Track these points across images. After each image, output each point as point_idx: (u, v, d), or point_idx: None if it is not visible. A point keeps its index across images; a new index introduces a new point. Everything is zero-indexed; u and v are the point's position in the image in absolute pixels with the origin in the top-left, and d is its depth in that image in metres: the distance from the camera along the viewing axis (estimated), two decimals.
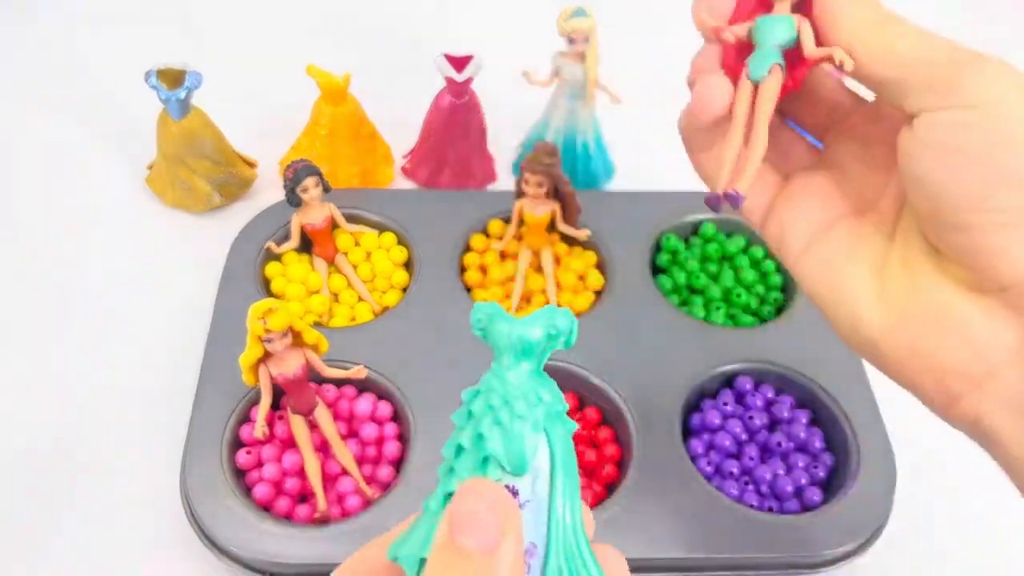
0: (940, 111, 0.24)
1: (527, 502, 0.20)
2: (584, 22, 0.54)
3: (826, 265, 0.28)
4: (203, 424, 0.44)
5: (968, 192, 0.24)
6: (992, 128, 0.23)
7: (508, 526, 0.18)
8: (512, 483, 0.20)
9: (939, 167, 0.24)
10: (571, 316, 0.20)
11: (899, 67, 0.25)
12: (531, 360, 0.20)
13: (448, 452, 0.21)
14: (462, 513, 0.18)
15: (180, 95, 0.54)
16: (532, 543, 0.20)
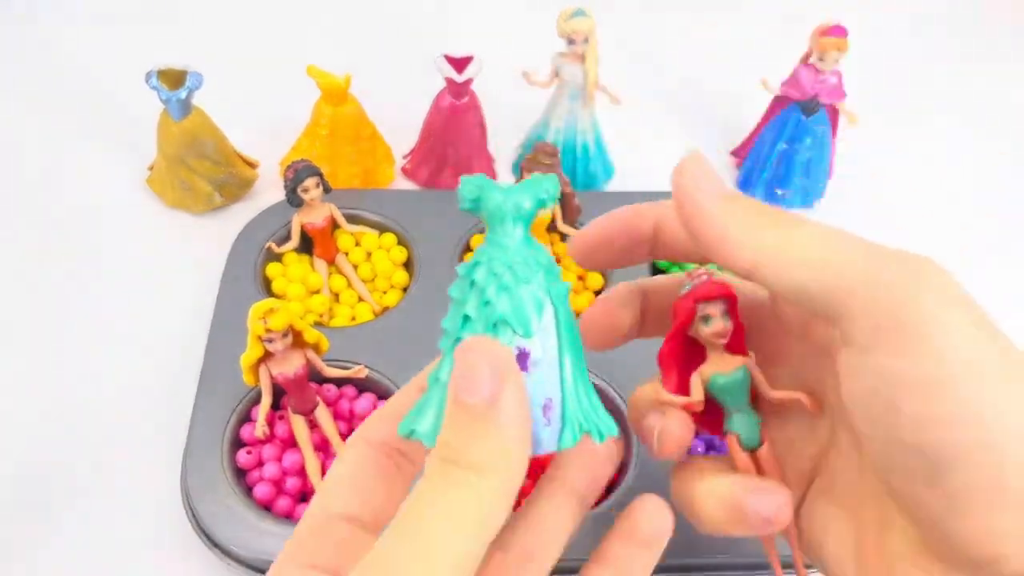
0: (864, 353, 0.19)
1: (539, 361, 0.20)
2: (584, 23, 0.54)
3: (811, 525, 0.25)
4: (203, 424, 0.45)
5: (911, 467, 0.19)
6: (933, 388, 0.18)
7: (506, 376, 0.18)
8: (524, 345, 0.20)
9: (876, 427, 0.19)
10: (555, 180, 0.21)
11: (803, 274, 0.19)
12: (525, 226, 0.21)
13: (451, 324, 0.21)
14: (460, 372, 0.18)
15: (181, 96, 0.54)
16: (548, 398, 0.20)
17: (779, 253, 0.20)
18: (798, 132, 0.60)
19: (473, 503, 0.18)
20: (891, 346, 0.18)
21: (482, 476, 0.18)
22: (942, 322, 0.18)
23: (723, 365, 0.24)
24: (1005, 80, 0.77)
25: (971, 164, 0.69)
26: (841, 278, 0.19)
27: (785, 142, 0.61)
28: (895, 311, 0.18)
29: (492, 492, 0.18)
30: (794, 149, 0.61)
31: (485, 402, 0.18)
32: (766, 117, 0.64)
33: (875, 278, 0.18)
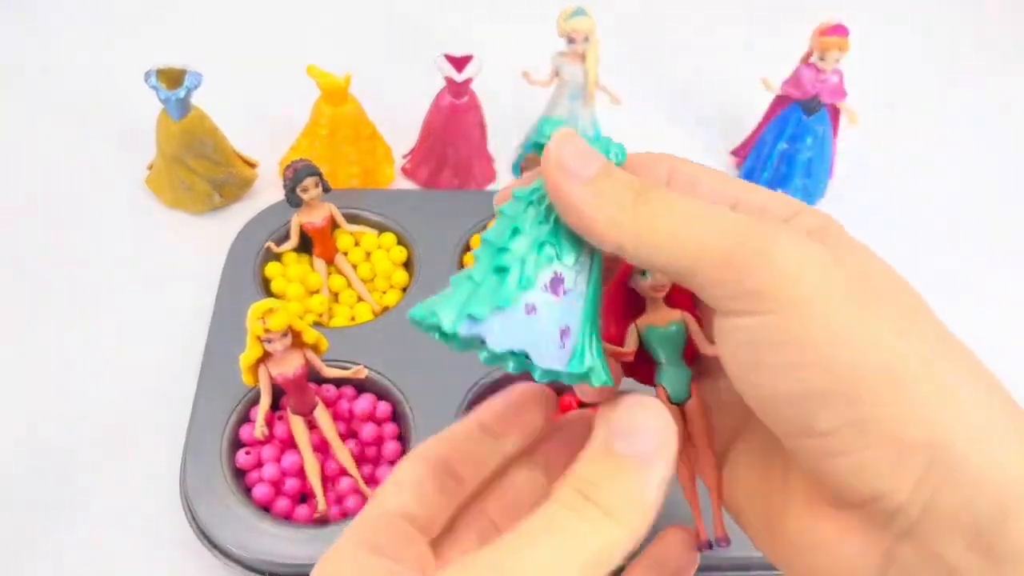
0: (730, 316, 0.20)
1: (570, 291, 0.21)
2: (584, 22, 0.54)
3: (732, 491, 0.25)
4: (203, 424, 0.44)
5: (785, 416, 0.20)
6: (792, 342, 0.19)
7: (667, 444, 0.19)
8: (561, 271, 0.21)
9: (745, 385, 0.20)
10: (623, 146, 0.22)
11: (666, 252, 0.20)
12: None
13: (496, 235, 0.21)
14: (623, 422, 0.20)
15: (180, 95, 0.53)
16: (568, 326, 0.21)
17: (639, 237, 0.20)
18: (799, 132, 0.60)
19: (597, 543, 0.18)
20: (746, 309, 0.19)
21: (613, 522, 0.19)
22: (788, 279, 0.19)
23: (658, 318, 0.25)
24: (1007, 79, 0.77)
25: (973, 163, 0.69)
26: (696, 256, 0.20)
27: (786, 142, 0.61)
28: (744, 278, 0.19)
29: (617, 539, 0.19)
30: (795, 149, 0.61)
31: (640, 459, 0.19)
32: (767, 117, 0.64)
33: (725, 250, 0.19)
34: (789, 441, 0.20)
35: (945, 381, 0.19)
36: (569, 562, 0.18)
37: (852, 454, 0.19)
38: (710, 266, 0.20)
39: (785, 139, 0.61)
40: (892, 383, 0.18)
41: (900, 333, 0.19)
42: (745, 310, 0.19)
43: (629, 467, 0.19)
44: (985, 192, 0.67)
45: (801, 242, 0.19)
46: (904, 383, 0.18)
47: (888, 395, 0.18)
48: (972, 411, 0.18)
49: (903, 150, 0.69)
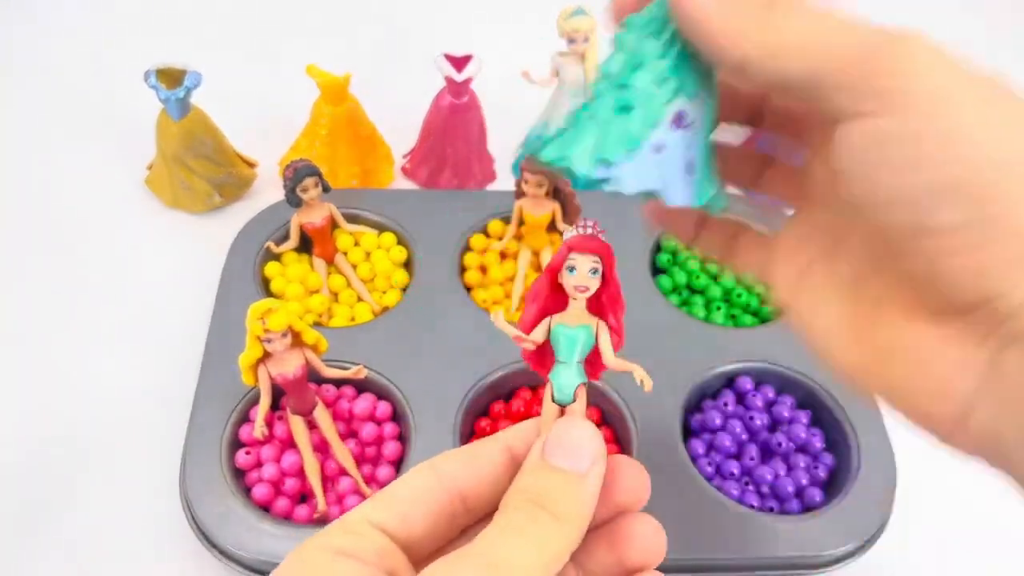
0: (855, 119, 0.20)
1: (690, 124, 0.22)
2: (584, 22, 0.54)
3: (806, 307, 0.26)
4: (203, 424, 0.44)
5: (903, 215, 0.20)
6: (918, 138, 0.19)
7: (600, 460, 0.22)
8: (683, 107, 0.22)
9: (866, 186, 0.20)
10: None
11: (794, 60, 0.20)
12: None
13: (617, 66, 0.22)
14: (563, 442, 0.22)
15: (179, 95, 0.53)
16: (692, 159, 0.22)
17: (766, 46, 0.21)
18: None
19: (554, 542, 0.21)
20: (874, 109, 0.20)
21: (562, 524, 0.21)
22: (921, 77, 0.19)
23: (571, 318, 0.25)
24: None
25: None
26: (827, 61, 0.20)
27: None
28: (876, 78, 0.19)
29: (570, 539, 0.21)
30: None
31: (579, 473, 0.22)
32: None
33: (857, 52, 0.20)
34: (904, 242, 0.20)
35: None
36: (537, 562, 0.20)
37: (972, 252, 0.19)
38: (840, 69, 0.20)
39: None
40: (1021, 182, 0.18)
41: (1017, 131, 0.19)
42: (873, 110, 0.20)
43: (572, 480, 0.22)
44: None
45: (932, 44, 0.20)
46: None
47: (1017, 193, 0.18)
48: None
49: None
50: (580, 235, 0.24)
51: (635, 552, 0.23)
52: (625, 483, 0.24)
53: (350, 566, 0.21)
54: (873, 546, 0.43)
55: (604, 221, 0.59)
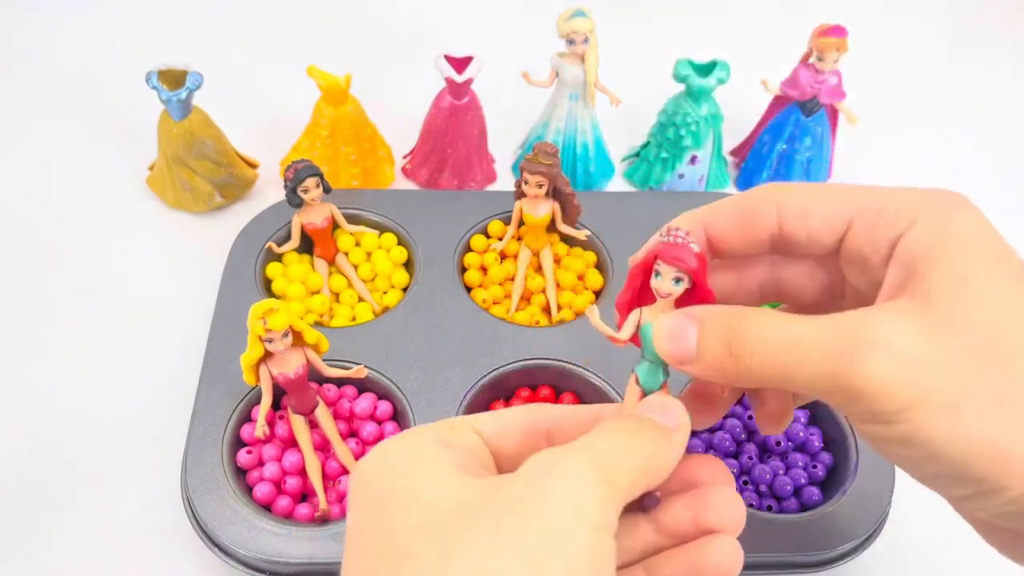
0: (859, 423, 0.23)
1: None
2: (583, 23, 0.54)
3: None
4: (204, 423, 0.45)
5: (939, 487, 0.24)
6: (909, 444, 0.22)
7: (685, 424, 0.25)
8: None
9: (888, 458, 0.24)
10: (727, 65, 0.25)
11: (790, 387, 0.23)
12: None
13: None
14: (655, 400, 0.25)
15: (181, 96, 0.54)
16: None
17: (754, 381, 0.23)
18: (798, 132, 0.60)
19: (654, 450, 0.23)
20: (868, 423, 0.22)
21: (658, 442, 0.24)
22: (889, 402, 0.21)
23: (656, 316, 0.26)
24: (1005, 80, 0.77)
25: (973, 164, 0.69)
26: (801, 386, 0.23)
27: (784, 142, 0.61)
28: (852, 404, 0.22)
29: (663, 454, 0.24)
30: (793, 149, 0.61)
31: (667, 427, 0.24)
32: (765, 117, 0.64)
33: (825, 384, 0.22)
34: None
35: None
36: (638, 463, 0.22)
37: (981, 506, 0.22)
38: (822, 395, 0.22)
39: (784, 140, 0.61)
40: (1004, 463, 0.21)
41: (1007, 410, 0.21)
42: (861, 420, 0.22)
43: (660, 427, 0.24)
44: (986, 193, 0.67)
45: (885, 359, 0.21)
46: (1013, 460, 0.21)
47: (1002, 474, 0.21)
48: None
49: (903, 150, 0.69)
50: (666, 243, 0.25)
51: (712, 512, 0.25)
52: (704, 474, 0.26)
53: (450, 453, 0.23)
54: (871, 545, 0.43)
55: (604, 221, 0.59)
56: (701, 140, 0.59)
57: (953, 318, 0.21)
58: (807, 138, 0.60)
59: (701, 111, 0.59)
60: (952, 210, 0.23)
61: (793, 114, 0.60)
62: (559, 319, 0.52)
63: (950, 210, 0.23)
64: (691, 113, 0.59)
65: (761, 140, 0.62)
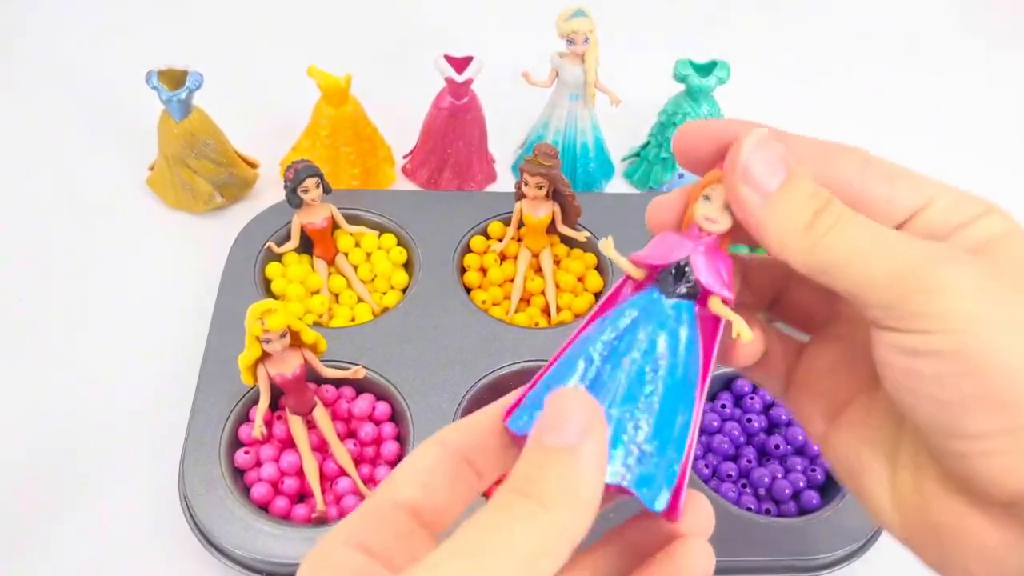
0: (894, 332, 0.21)
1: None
2: (583, 23, 0.54)
3: (846, 453, 0.26)
4: (202, 424, 0.45)
5: (937, 420, 0.21)
6: (952, 356, 0.20)
7: (592, 427, 0.19)
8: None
9: (904, 390, 0.22)
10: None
11: (838, 277, 0.22)
12: None
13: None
14: (547, 415, 0.20)
15: (181, 96, 0.54)
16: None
17: (809, 257, 0.22)
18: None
19: (534, 537, 0.18)
20: (906, 328, 0.21)
21: (547, 510, 0.18)
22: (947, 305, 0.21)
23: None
24: (990, 99, 0.77)
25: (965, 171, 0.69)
26: (864, 282, 0.21)
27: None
28: (906, 302, 0.21)
29: (554, 528, 0.18)
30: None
31: (567, 447, 0.19)
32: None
33: (891, 278, 0.21)
34: (940, 440, 0.22)
35: None
36: (511, 564, 0.18)
37: (1004, 455, 0.20)
38: (875, 290, 0.21)
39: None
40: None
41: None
42: (905, 328, 0.21)
43: (558, 457, 0.19)
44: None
45: (961, 271, 0.21)
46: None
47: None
48: None
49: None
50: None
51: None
52: (686, 517, 0.23)
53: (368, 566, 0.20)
54: (870, 549, 0.43)
55: (604, 222, 0.59)
56: None
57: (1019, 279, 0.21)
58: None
59: (701, 111, 0.58)
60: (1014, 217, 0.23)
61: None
62: (558, 321, 0.52)
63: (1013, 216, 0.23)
64: (691, 113, 0.58)
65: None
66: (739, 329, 0.22)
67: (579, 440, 0.19)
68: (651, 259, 0.23)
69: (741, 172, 0.22)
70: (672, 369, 0.22)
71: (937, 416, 0.21)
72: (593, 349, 0.22)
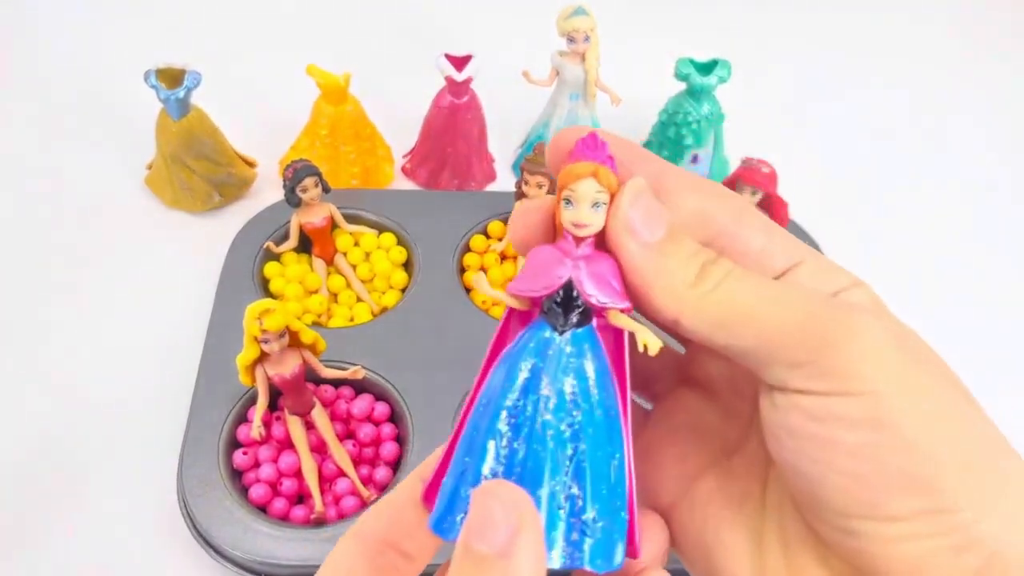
0: (803, 395, 0.19)
1: None
2: (584, 21, 0.54)
3: (701, 531, 0.23)
4: (200, 424, 0.44)
5: (850, 496, 0.19)
6: (875, 424, 0.18)
7: (521, 525, 0.18)
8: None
9: (813, 462, 0.19)
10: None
11: (737, 333, 0.19)
12: None
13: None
14: (473, 517, 0.18)
15: (179, 94, 0.53)
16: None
17: (701, 313, 0.20)
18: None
19: None
20: (823, 389, 0.19)
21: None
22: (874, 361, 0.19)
23: None
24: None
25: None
26: (768, 337, 0.19)
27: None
28: (824, 359, 0.19)
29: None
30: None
31: (496, 552, 0.17)
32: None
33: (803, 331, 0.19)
34: (842, 521, 0.19)
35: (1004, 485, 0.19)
36: None
37: (917, 541, 0.18)
38: (782, 346, 0.19)
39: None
40: (970, 478, 0.18)
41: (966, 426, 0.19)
42: (821, 390, 0.19)
43: (491, 565, 0.17)
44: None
45: (880, 325, 0.19)
46: (979, 481, 0.19)
47: (966, 489, 0.18)
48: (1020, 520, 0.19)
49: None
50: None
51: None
52: (645, 550, 0.21)
53: None
54: None
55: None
56: (702, 139, 0.59)
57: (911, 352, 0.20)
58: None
59: (702, 110, 0.58)
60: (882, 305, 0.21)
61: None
62: None
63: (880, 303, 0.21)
64: (692, 112, 0.58)
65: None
66: (645, 340, 0.20)
67: (509, 543, 0.17)
68: (531, 291, 0.21)
69: (623, 224, 0.20)
70: (589, 415, 0.20)
71: (851, 493, 0.19)
72: (500, 421, 0.20)
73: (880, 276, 0.29)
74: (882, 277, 0.60)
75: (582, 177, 0.20)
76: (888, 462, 0.18)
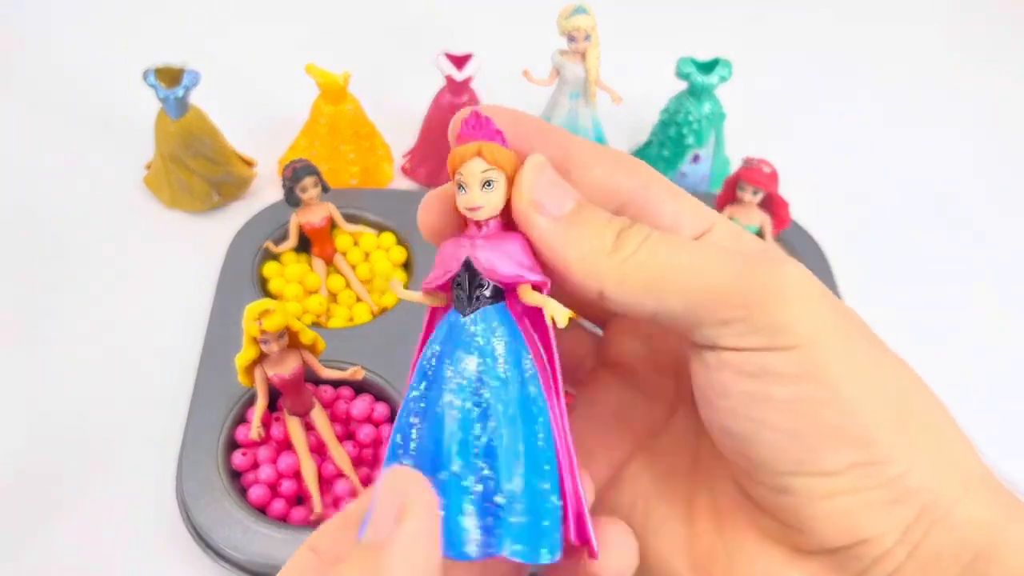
0: (735, 352, 0.19)
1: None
2: (584, 20, 0.53)
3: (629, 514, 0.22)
4: (199, 425, 0.44)
5: (784, 452, 0.19)
6: (808, 378, 0.18)
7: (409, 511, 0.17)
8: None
9: (746, 420, 0.19)
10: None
11: (663, 295, 0.19)
12: None
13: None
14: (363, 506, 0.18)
15: (178, 94, 0.53)
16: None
17: (623, 280, 0.19)
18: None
19: None
20: (755, 345, 0.19)
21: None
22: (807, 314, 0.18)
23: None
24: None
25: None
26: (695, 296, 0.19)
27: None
28: (756, 314, 0.18)
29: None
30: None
31: (380, 540, 0.17)
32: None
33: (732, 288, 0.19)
34: (776, 479, 0.19)
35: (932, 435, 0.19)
36: None
37: (851, 495, 0.18)
38: (712, 305, 0.19)
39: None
40: (900, 429, 0.18)
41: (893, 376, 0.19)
42: (753, 346, 0.18)
43: (375, 555, 0.17)
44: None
45: (806, 277, 0.19)
46: (909, 431, 0.18)
47: (897, 441, 0.18)
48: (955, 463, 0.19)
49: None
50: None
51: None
52: (609, 560, 0.20)
53: None
54: None
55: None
56: (703, 138, 0.59)
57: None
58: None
59: (703, 109, 0.58)
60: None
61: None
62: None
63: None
64: (693, 111, 0.58)
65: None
66: (552, 312, 0.19)
67: (389, 531, 0.16)
68: (435, 280, 0.20)
69: (527, 200, 0.19)
70: (499, 392, 0.19)
71: (785, 449, 0.18)
72: (409, 414, 0.20)
73: (881, 276, 0.29)
74: (884, 277, 0.60)
75: (467, 158, 0.19)
76: (822, 416, 0.18)
